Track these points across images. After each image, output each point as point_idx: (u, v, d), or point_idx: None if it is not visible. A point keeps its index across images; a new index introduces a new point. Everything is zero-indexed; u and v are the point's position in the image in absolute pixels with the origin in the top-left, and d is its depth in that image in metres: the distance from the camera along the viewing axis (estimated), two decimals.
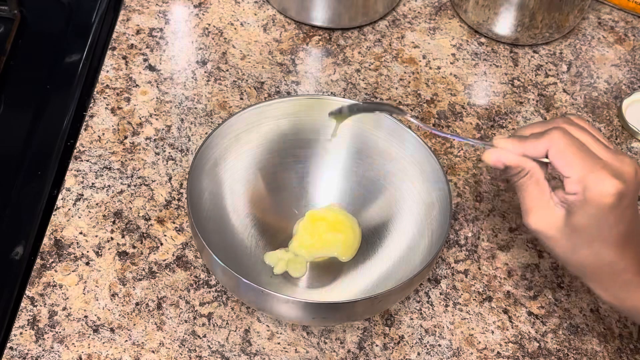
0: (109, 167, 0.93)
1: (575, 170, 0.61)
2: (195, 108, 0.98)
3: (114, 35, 1.04)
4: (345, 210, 0.89)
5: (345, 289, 0.85)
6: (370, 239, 0.88)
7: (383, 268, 0.85)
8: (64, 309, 0.83)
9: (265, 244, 0.87)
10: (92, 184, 0.91)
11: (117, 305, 0.83)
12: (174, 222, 0.89)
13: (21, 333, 0.81)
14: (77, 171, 0.92)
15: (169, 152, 0.95)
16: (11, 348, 0.80)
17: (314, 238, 0.86)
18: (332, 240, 0.86)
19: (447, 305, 0.86)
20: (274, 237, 0.88)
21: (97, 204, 0.90)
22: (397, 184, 0.87)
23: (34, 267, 0.85)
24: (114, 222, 0.89)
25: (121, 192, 0.91)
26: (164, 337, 0.82)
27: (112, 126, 0.96)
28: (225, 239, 0.85)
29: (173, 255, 0.87)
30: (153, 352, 0.81)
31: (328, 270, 0.86)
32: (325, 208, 0.89)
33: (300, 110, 0.87)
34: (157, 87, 1.00)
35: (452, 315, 0.86)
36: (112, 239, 0.88)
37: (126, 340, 0.81)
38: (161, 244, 0.88)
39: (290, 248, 0.86)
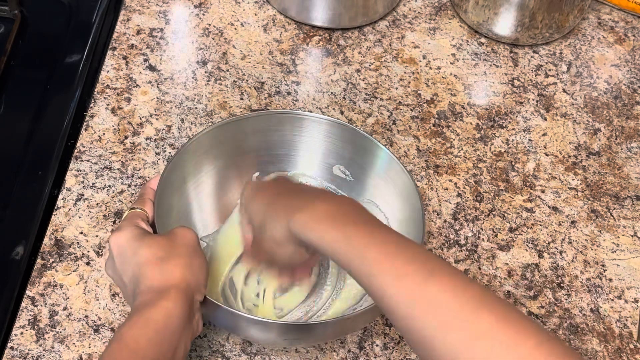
0: (109, 167, 0.93)
1: None
2: (196, 108, 0.99)
3: (115, 36, 1.04)
4: None
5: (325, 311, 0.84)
6: None
7: (360, 289, 0.83)
8: (65, 308, 0.83)
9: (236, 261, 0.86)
10: (93, 184, 0.91)
11: (118, 305, 0.83)
12: None
13: (22, 333, 0.81)
14: (78, 171, 0.92)
15: (170, 152, 0.95)
16: (12, 348, 0.80)
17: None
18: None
19: None
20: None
21: (97, 204, 0.90)
22: (374, 200, 0.86)
23: (35, 267, 0.85)
24: (114, 222, 0.89)
25: (122, 192, 0.91)
26: None
27: (113, 126, 0.96)
28: None
29: None
30: None
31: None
32: None
33: (270, 125, 0.86)
34: (158, 87, 1.00)
35: None
36: None
37: None
38: None
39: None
